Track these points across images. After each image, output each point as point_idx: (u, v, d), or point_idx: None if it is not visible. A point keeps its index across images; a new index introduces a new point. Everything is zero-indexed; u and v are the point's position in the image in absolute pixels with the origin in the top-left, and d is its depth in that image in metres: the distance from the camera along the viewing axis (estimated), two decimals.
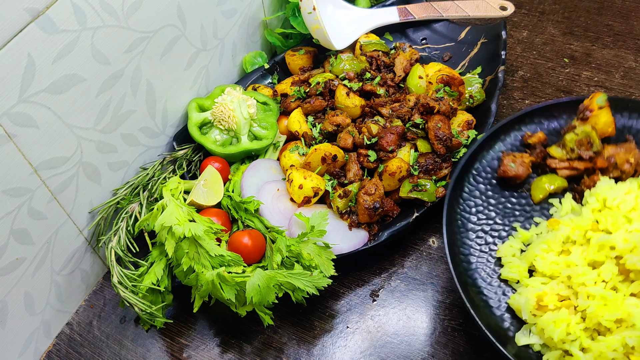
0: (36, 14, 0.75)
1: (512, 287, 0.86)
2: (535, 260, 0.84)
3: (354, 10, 1.25)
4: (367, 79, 1.11)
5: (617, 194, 0.85)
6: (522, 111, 0.99)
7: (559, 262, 0.83)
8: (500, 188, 0.95)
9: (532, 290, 0.81)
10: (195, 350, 0.93)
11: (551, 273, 0.83)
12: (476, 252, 0.89)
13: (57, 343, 0.97)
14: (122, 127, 0.97)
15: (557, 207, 0.93)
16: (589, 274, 0.79)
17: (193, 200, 0.96)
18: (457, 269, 0.84)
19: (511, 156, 0.95)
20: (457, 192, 0.92)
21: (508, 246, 0.88)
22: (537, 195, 0.94)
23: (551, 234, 0.86)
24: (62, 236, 0.92)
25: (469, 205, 0.92)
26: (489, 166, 0.96)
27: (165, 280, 0.91)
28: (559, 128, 0.98)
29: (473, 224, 0.91)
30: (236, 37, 1.19)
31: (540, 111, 0.99)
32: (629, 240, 0.78)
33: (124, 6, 0.88)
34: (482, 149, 0.97)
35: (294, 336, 0.93)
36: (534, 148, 0.97)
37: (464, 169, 0.94)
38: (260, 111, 1.10)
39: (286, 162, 1.03)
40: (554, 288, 0.81)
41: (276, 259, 0.88)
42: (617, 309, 0.75)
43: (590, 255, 0.80)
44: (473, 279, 0.85)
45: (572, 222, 0.86)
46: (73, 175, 0.90)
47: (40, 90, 0.79)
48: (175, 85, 1.06)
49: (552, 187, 0.94)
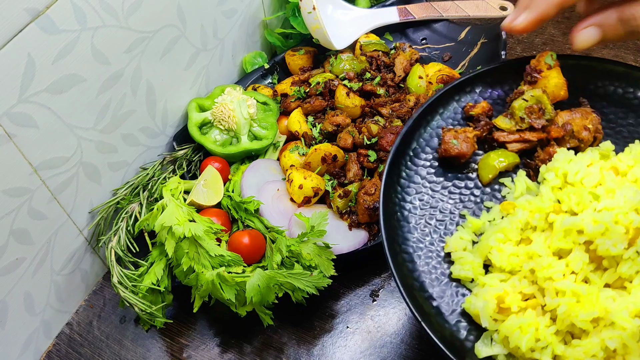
0: (36, 14, 0.75)
1: (467, 287, 0.75)
2: (490, 253, 0.73)
3: (354, 10, 1.25)
4: (367, 79, 1.11)
5: (579, 167, 0.73)
6: (459, 78, 0.87)
7: (519, 253, 0.71)
8: (443, 170, 0.83)
9: (490, 290, 0.70)
10: (195, 350, 0.93)
11: (511, 268, 0.71)
12: (421, 248, 0.76)
13: (57, 343, 0.97)
14: (122, 127, 0.97)
15: (509, 187, 0.81)
16: (555, 265, 0.67)
17: (193, 200, 0.96)
18: (399, 272, 0.72)
19: (452, 132, 0.83)
20: (393, 178, 0.80)
21: (457, 239, 0.76)
22: (486, 176, 0.81)
23: (507, 220, 0.74)
24: (62, 236, 0.92)
25: (408, 193, 0.80)
26: (428, 145, 0.84)
27: (165, 280, 0.91)
28: (504, 96, 0.87)
29: (415, 215, 0.79)
30: (236, 37, 1.19)
31: (481, 77, 0.87)
32: (599, 221, 0.66)
33: (124, 6, 0.88)
34: (418, 126, 0.83)
35: (294, 336, 0.93)
36: (477, 121, 0.85)
37: (398, 150, 0.81)
38: (260, 111, 1.10)
39: (286, 162, 1.03)
40: (516, 285, 0.70)
41: (276, 259, 0.88)
42: (592, 306, 0.64)
43: (555, 242, 0.69)
44: (420, 282, 0.74)
45: (529, 204, 0.74)
46: (73, 175, 0.90)
47: (40, 90, 0.79)
48: (175, 85, 1.06)
49: (503, 164, 0.82)
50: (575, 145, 0.81)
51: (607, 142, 0.80)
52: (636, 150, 0.75)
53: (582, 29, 0.75)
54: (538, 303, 0.69)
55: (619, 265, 0.66)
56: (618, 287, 0.67)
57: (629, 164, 0.73)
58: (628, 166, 0.72)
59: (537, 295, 0.69)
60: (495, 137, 0.84)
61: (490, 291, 0.69)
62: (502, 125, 0.84)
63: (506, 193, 0.81)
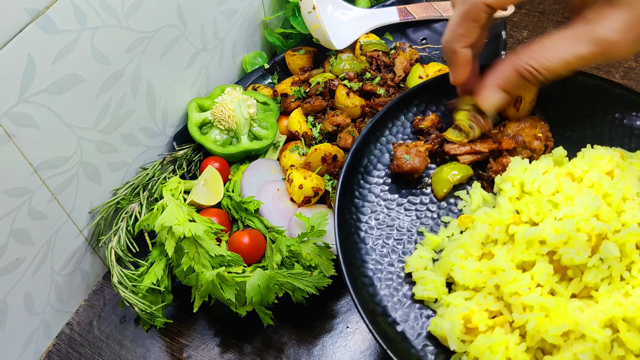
0: (36, 14, 0.75)
1: (431, 308, 0.72)
2: (452, 271, 0.71)
3: (353, 10, 1.25)
4: (367, 79, 1.11)
5: (535, 176, 0.72)
6: (405, 91, 0.85)
7: (482, 269, 0.69)
8: (397, 186, 0.81)
9: (455, 310, 0.67)
10: (195, 350, 0.93)
11: (475, 284, 0.69)
12: (381, 270, 0.74)
13: (57, 343, 0.97)
14: (122, 127, 0.97)
15: (465, 200, 0.80)
16: (520, 279, 0.66)
17: (193, 200, 0.96)
18: (360, 297, 0.69)
19: (404, 147, 0.81)
20: (346, 199, 0.77)
21: (417, 258, 0.75)
22: (441, 190, 0.80)
23: (466, 235, 0.72)
24: (62, 236, 0.92)
25: (363, 212, 0.78)
26: (379, 162, 0.82)
27: (165, 280, 0.91)
28: (452, 107, 0.86)
29: (372, 235, 0.76)
30: (236, 37, 1.19)
31: (428, 88, 0.85)
32: (560, 230, 0.65)
33: (124, 6, 0.88)
34: (367, 143, 0.82)
35: (294, 336, 0.93)
36: (428, 134, 0.84)
37: (350, 169, 0.79)
38: (260, 111, 1.10)
39: (286, 162, 1.03)
40: (482, 303, 0.68)
41: (276, 259, 0.88)
42: (561, 320, 0.63)
43: (518, 255, 0.67)
44: (382, 307, 0.71)
45: (488, 217, 0.72)
46: (73, 175, 0.90)
47: (40, 90, 0.79)
48: (175, 85, 1.06)
49: (456, 177, 0.80)
50: (528, 155, 0.80)
51: (559, 148, 0.80)
52: (589, 155, 0.75)
53: (486, 92, 0.76)
54: (506, 320, 0.67)
55: (584, 274, 0.65)
56: (585, 296, 0.66)
57: (583, 169, 0.72)
58: (583, 171, 0.72)
59: (504, 312, 0.67)
60: (447, 150, 0.83)
61: (456, 311, 0.67)
62: (452, 138, 0.83)
63: (462, 206, 0.80)
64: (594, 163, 0.73)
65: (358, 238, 0.75)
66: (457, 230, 0.76)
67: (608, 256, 0.64)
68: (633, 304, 0.63)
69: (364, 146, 0.81)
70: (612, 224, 0.66)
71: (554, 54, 0.69)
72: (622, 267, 0.65)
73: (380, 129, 0.83)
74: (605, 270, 0.65)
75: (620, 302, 0.64)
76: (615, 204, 0.68)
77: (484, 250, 0.71)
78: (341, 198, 0.76)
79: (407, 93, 0.84)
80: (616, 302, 0.64)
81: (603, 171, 0.72)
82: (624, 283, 0.66)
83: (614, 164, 0.72)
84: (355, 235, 0.75)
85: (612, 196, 0.68)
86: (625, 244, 0.65)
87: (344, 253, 0.71)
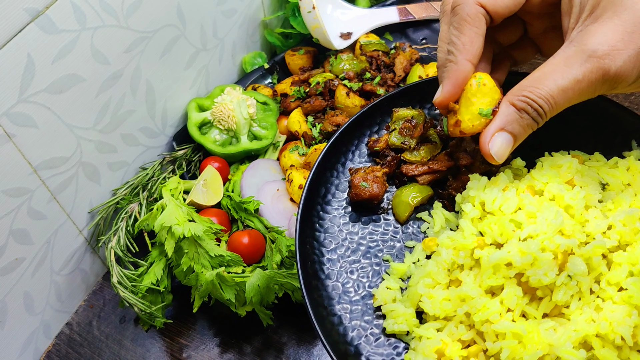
0: (36, 14, 0.75)
1: (403, 340, 0.70)
2: (421, 301, 0.68)
3: (353, 9, 1.25)
4: (367, 79, 1.11)
5: (495, 194, 0.70)
6: (358, 112, 0.82)
7: (451, 297, 0.67)
8: (357, 214, 0.78)
9: (428, 344, 0.66)
10: (195, 350, 0.93)
11: (445, 314, 0.67)
12: (349, 306, 0.71)
13: (56, 343, 0.97)
14: (122, 127, 0.97)
15: (428, 221, 0.78)
16: (490, 305, 0.64)
17: (193, 200, 0.96)
18: (329, 339, 0.66)
19: (360, 173, 0.78)
20: (307, 233, 0.73)
21: (384, 290, 0.72)
22: (402, 214, 0.78)
23: (432, 263, 0.70)
24: (61, 236, 0.92)
25: (325, 246, 0.74)
26: (338, 190, 0.79)
27: (164, 280, 0.91)
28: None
29: (336, 270, 0.73)
30: (236, 37, 1.19)
31: (378, 108, 0.82)
32: (526, 252, 0.63)
33: (124, 6, 0.88)
34: (324, 171, 0.78)
35: (294, 336, 0.93)
36: (384, 156, 0.81)
37: (308, 201, 0.75)
38: (260, 111, 1.10)
39: (286, 162, 1.03)
40: (454, 333, 0.66)
41: (276, 259, 0.88)
42: (535, 345, 0.61)
43: (486, 281, 0.65)
44: (354, 346, 0.68)
45: (452, 241, 0.69)
46: (73, 175, 0.90)
47: (39, 90, 0.79)
48: (175, 85, 1.06)
49: (417, 199, 0.78)
50: (486, 169, 0.78)
51: (517, 160, 0.77)
52: (548, 164, 0.73)
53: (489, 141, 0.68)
54: (480, 349, 0.65)
55: (554, 292, 0.64)
56: (557, 314, 0.66)
57: (543, 181, 0.71)
58: (543, 183, 0.71)
59: (477, 340, 0.66)
60: (404, 172, 0.80)
61: (429, 345, 0.66)
62: (409, 158, 0.81)
63: (426, 228, 0.78)
64: (553, 173, 0.71)
65: (323, 274, 0.72)
66: (423, 255, 0.75)
67: (576, 272, 0.64)
68: (605, 319, 0.62)
69: (320, 175, 0.78)
70: (577, 236, 0.65)
71: (549, 83, 0.63)
72: (590, 280, 0.65)
73: (335, 155, 0.80)
74: (574, 287, 0.64)
75: (592, 318, 0.63)
76: (578, 215, 0.67)
77: (451, 277, 0.70)
78: (301, 233, 0.72)
79: (358, 115, 0.81)
80: (588, 318, 0.63)
81: (563, 180, 0.71)
82: (594, 296, 0.65)
83: (573, 171, 0.72)
84: (320, 272, 0.72)
85: (575, 207, 0.68)
86: (592, 257, 0.64)
87: (310, 293, 0.68)
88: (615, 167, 0.75)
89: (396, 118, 0.82)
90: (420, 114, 0.82)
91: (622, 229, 0.66)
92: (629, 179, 0.74)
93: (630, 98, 1.14)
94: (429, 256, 0.75)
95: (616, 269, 0.65)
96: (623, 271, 0.64)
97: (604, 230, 0.66)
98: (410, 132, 0.80)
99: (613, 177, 0.74)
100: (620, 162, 0.75)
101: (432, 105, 0.85)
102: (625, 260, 0.65)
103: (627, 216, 0.66)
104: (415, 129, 0.80)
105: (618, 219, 0.67)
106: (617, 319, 0.62)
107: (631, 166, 0.75)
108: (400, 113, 0.82)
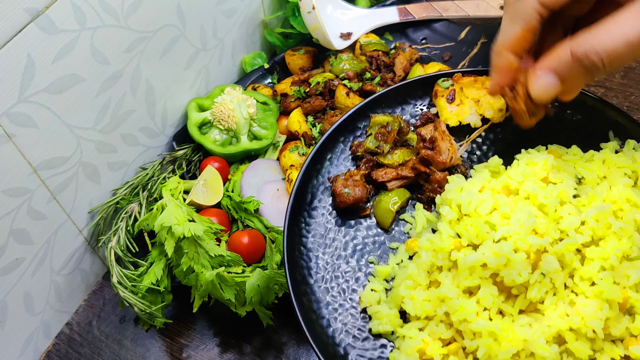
0: (36, 14, 0.75)
1: (389, 339, 0.73)
2: (403, 303, 0.71)
3: (353, 9, 1.25)
4: (367, 79, 1.11)
5: (471, 196, 0.72)
6: (342, 118, 0.85)
7: (431, 298, 0.70)
8: (342, 219, 0.80)
9: (410, 343, 0.69)
10: (194, 350, 0.93)
11: (426, 314, 0.70)
12: (336, 309, 0.73)
13: (56, 343, 0.97)
14: (122, 127, 0.97)
15: (410, 222, 0.80)
16: (467, 305, 0.66)
17: (193, 200, 0.96)
18: (318, 342, 0.68)
19: (340, 180, 0.80)
20: (294, 240, 0.75)
21: (369, 292, 0.75)
22: (386, 221, 0.80)
23: (413, 266, 0.73)
24: (61, 236, 0.92)
25: (312, 251, 0.76)
26: (323, 195, 0.81)
27: (164, 280, 0.91)
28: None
29: (324, 274, 0.75)
30: (236, 37, 1.19)
31: (361, 112, 0.85)
32: (499, 253, 0.65)
33: (124, 6, 0.88)
34: (309, 178, 0.80)
35: (293, 336, 0.93)
36: (362, 159, 0.83)
37: (294, 209, 0.77)
38: (260, 111, 1.10)
39: (286, 162, 1.03)
40: (434, 332, 0.69)
41: (276, 259, 0.88)
42: (509, 343, 0.64)
43: (462, 281, 0.67)
44: (343, 347, 0.71)
45: (431, 243, 0.72)
46: (73, 175, 0.90)
47: (39, 90, 0.79)
48: (175, 85, 1.06)
49: (397, 205, 0.80)
50: (464, 171, 0.80)
51: (494, 158, 0.79)
52: (524, 161, 0.74)
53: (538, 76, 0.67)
54: (459, 346, 0.68)
55: (528, 290, 0.66)
56: (532, 310, 0.68)
57: (518, 180, 0.72)
58: (518, 182, 0.72)
59: (457, 338, 0.69)
60: (375, 178, 0.83)
61: (411, 344, 0.69)
62: (384, 161, 0.83)
63: (409, 229, 0.80)
64: (529, 171, 0.73)
65: (312, 279, 0.74)
66: (406, 256, 0.78)
67: (549, 270, 0.65)
68: (577, 314, 0.64)
69: (307, 182, 0.80)
70: (551, 234, 0.67)
71: (615, 35, 0.59)
72: (564, 276, 0.67)
73: (320, 162, 0.82)
74: (548, 284, 0.66)
75: (566, 312, 0.65)
76: (552, 213, 0.69)
77: (430, 278, 0.72)
78: (289, 239, 0.74)
79: (342, 120, 0.83)
80: (562, 313, 0.65)
81: (538, 178, 0.72)
82: (568, 291, 0.67)
83: (548, 167, 0.73)
84: (309, 277, 0.74)
85: (548, 206, 0.69)
86: (565, 254, 0.66)
87: (299, 298, 0.71)
88: (591, 161, 0.76)
89: (373, 123, 0.85)
90: (396, 119, 0.85)
91: (594, 225, 0.68)
92: (604, 172, 0.75)
93: (630, 98, 1.14)
94: (412, 257, 0.77)
95: (588, 264, 0.67)
96: (595, 266, 0.66)
97: (577, 226, 0.68)
98: (384, 137, 0.83)
99: (589, 171, 0.75)
100: (596, 155, 0.77)
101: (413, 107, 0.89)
102: (597, 256, 0.66)
103: (599, 212, 0.68)
104: (389, 134, 0.83)
105: (590, 215, 0.68)
106: (589, 313, 0.64)
107: (607, 159, 0.76)
108: (377, 119, 0.85)
